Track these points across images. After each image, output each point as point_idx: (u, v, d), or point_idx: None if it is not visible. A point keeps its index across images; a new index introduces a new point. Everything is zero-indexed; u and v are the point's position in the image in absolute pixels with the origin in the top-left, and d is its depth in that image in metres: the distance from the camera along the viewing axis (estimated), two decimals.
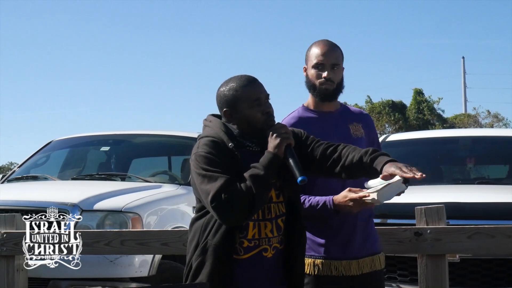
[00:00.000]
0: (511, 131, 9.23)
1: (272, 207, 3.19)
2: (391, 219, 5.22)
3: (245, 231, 3.12)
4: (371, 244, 3.61)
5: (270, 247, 3.17)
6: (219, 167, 3.03)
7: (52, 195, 5.78)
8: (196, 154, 3.12)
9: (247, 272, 3.13)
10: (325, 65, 3.56)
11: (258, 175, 3.02)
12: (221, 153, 3.08)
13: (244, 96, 3.16)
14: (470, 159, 7.24)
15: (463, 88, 41.78)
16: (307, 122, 3.59)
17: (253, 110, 3.16)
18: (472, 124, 35.94)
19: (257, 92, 3.18)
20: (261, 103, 3.17)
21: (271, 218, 3.18)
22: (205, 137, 3.16)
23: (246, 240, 3.13)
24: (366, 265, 3.54)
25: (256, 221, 3.14)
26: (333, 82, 3.57)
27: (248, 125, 3.18)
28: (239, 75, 3.24)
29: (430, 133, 9.19)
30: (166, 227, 5.74)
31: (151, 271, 5.54)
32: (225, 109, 3.21)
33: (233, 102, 3.18)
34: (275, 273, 3.20)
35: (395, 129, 35.43)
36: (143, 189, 6.18)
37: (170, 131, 7.56)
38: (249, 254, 3.14)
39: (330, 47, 3.59)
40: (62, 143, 7.74)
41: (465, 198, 5.45)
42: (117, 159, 7.54)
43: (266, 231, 3.16)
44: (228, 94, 3.19)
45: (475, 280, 5.16)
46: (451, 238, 3.83)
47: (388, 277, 5.27)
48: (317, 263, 3.49)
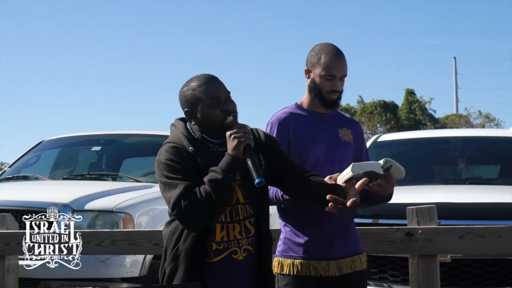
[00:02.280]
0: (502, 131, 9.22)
1: (240, 209, 3.16)
2: (382, 219, 5.22)
3: (213, 234, 3.10)
4: (351, 245, 3.59)
5: (240, 249, 3.14)
6: (180, 173, 3.03)
7: (43, 195, 5.77)
8: (158, 161, 3.12)
9: (220, 276, 3.11)
10: (335, 77, 3.56)
11: (216, 179, 2.99)
12: (182, 159, 3.07)
13: (204, 94, 3.13)
14: (462, 159, 7.25)
15: (454, 88, 41.88)
16: (297, 119, 3.60)
17: (212, 108, 3.12)
18: (464, 124, 36.00)
19: (215, 90, 3.14)
20: (220, 101, 3.13)
21: (239, 219, 3.15)
22: (167, 143, 3.16)
23: (214, 243, 3.10)
24: (346, 266, 3.52)
25: (224, 223, 3.12)
26: (339, 93, 3.60)
27: (209, 124, 3.14)
28: (199, 74, 3.21)
29: (421, 133, 9.20)
30: (158, 227, 5.71)
31: (142, 271, 5.53)
32: (186, 109, 3.18)
33: (192, 101, 3.15)
34: (249, 276, 3.16)
35: (387, 129, 35.48)
36: (134, 189, 6.17)
37: (161, 131, 7.54)
38: (219, 257, 3.11)
39: (341, 58, 3.58)
40: (53, 143, 7.72)
41: (456, 198, 5.45)
42: (108, 159, 7.53)
43: (235, 233, 3.13)
44: (188, 94, 3.17)
45: (466, 280, 5.17)
46: (443, 238, 3.84)
47: (380, 277, 5.28)
48: (296, 263, 3.49)
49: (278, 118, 3.59)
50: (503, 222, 4.91)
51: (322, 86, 3.57)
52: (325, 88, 3.56)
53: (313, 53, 3.62)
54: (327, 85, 3.56)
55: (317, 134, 3.58)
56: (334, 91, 3.56)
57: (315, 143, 3.55)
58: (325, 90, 3.57)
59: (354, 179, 3.21)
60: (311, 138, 3.57)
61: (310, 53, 3.64)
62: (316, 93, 3.59)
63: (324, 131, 3.61)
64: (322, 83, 3.57)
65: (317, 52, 3.60)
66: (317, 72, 3.58)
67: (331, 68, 3.55)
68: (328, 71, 3.55)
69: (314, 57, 3.60)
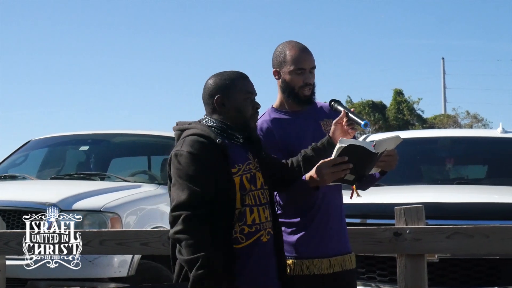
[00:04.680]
0: (490, 131, 9.26)
1: (263, 193, 3.29)
2: (370, 219, 5.23)
3: (244, 218, 3.18)
4: (342, 244, 3.61)
5: (265, 232, 3.24)
6: (199, 172, 3.08)
7: (31, 195, 5.75)
8: (178, 152, 3.14)
9: (248, 259, 3.17)
10: (305, 70, 3.55)
11: (198, 258, 2.98)
12: (208, 154, 3.12)
13: (241, 86, 3.27)
14: (450, 159, 7.27)
15: (442, 88, 42.02)
16: (279, 123, 3.60)
17: (246, 102, 3.26)
18: (452, 124, 36.11)
19: (251, 87, 3.31)
20: (253, 98, 3.29)
21: (264, 203, 3.28)
22: (191, 135, 3.18)
23: (246, 226, 3.19)
24: (337, 264, 3.54)
25: (254, 206, 3.22)
26: (311, 85, 3.58)
27: (238, 115, 3.25)
28: (232, 70, 3.33)
29: (409, 133, 9.22)
30: (146, 227, 5.71)
31: (130, 271, 5.52)
32: (218, 95, 3.24)
33: (228, 90, 3.25)
34: (272, 258, 3.27)
35: (375, 129, 35.54)
36: (122, 189, 6.15)
37: (149, 131, 7.54)
38: (251, 239, 3.19)
39: (306, 50, 3.58)
40: (41, 143, 7.69)
41: (444, 198, 5.47)
42: (96, 158, 7.51)
43: (266, 215, 3.26)
44: (224, 83, 3.26)
45: (454, 280, 5.18)
46: (430, 238, 3.85)
47: (368, 277, 5.29)
48: (289, 263, 3.50)
49: (261, 128, 3.57)
50: (490, 222, 4.92)
51: (293, 82, 3.55)
52: (297, 83, 3.55)
53: (277, 52, 3.61)
54: (299, 80, 3.55)
55: (301, 133, 3.58)
56: (306, 84, 3.54)
57: (302, 143, 3.54)
58: (297, 86, 3.55)
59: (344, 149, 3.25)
60: (297, 138, 3.57)
61: (274, 53, 3.62)
62: (289, 92, 3.58)
63: (308, 128, 3.60)
64: (293, 79, 3.55)
65: (281, 51, 3.59)
66: (286, 70, 3.56)
67: (299, 61, 3.54)
68: (296, 65, 3.54)
69: (279, 56, 3.59)
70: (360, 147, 3.24)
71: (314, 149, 3.42)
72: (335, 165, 3.26)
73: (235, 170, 3.18)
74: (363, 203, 4.93)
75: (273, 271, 3.27)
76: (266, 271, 3.22)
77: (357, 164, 3.28)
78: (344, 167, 3.26)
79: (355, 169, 3.30)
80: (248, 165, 3.25)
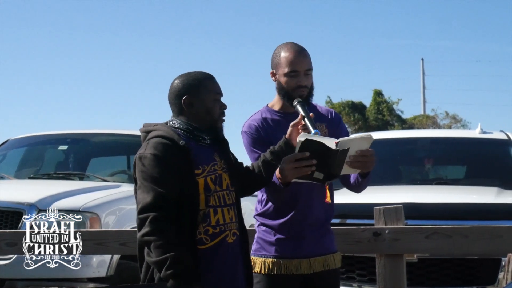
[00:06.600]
0: (469, 132, 9.30)
1: (229, 194, 3.27)
2: (350, 219, 5.25)
3: (207, 219, 3.16)
4: (324, 244, 3.59)
5: (230, 233, 3.22)
6: (163, 173, 3.07)
7: (9, 195, 5.72)
8: (142, 155, 3.14)
9: (213, 260, 3.16)
10: (299, 72, 3.54)
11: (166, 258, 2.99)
12: (171, 155, 3.11)
13: (209, 87, 3.26)
14: (429, 159, 7.31)
15: (422, 89, 42.19)
16: (270, 124, 3.59)
17: (215, 102, 3.25)
18: (431, 125, 36.27)
19: (219, 88, 3.31)
20: (219, 99, 3.29)
21: (230, 204, 3.25)
22: (155, 138, 3.17)
23: (210, 227, 3.17)
24: (318, 264, 3.54)
25: (218, 207, 3.20)
26: (307, 88, 3.57)
27: (206, 115, 3.24)
28: (199, 71, 3.31)
29: (389, 133, 9.26)
30: (125, 227, 5.70)
31: (109, 271, 5.51)
32: (185, 96, 3.23)
33: (196, 90, 3.23)
34: (238, 258, 3.26)
35: (355, 130, 35.64)
36: (101, 189, 6.14)
37: (128, 130, 7.51)
38: (215, 240, 3.17)
39: (302, 52, 3.56)
40: (19, 142, 7.65)
41: (423, 199, 5.49)
42: (75, 158, 7.47)
43: (230, 216, 3.24)
44: (192, 83, 3.24)
45: (433, 280, 5.21)
46: (409, 238, 3.87)
47: (347, 277, 5.30)
48: (267, 262, 3.51)
49: (250, 127, 3.57)
50: (469, 222, 4.95)
51: (287, 84, 3.54)
52: (290, 85, 3.54)
53: (274, 54, 3.61)
54: (292, 82, 3.54)
55: None
56: (299, 86, 3.53)
57: None
58: (291, 88, 3.54)
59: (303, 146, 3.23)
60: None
61: (272, 55, 3.63)
62: (284, 93, 3.57)
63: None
64: (287, 81, 3.54)
65: (277, 53, 3.60)
66: (280, 72, 3.56)
67: (293, 63, 3.53)
68: (290, 67, 3.53)
69: (275, 58, 3.59)
70: (318, 142, 3.20)
71: (272, 152, 3.41)
72: (298, 161, 3.24)
73: (199, 172, 3.16)
74: (343, 203, 4.95)
75: (240, 272, 3.26)
76: (232, 272, 3.21)
77: (321, 161, 3.23)
78: (305, 163, 3.23)
79: (321, 167, 3.25)
80: (213, 166, 3.22)
